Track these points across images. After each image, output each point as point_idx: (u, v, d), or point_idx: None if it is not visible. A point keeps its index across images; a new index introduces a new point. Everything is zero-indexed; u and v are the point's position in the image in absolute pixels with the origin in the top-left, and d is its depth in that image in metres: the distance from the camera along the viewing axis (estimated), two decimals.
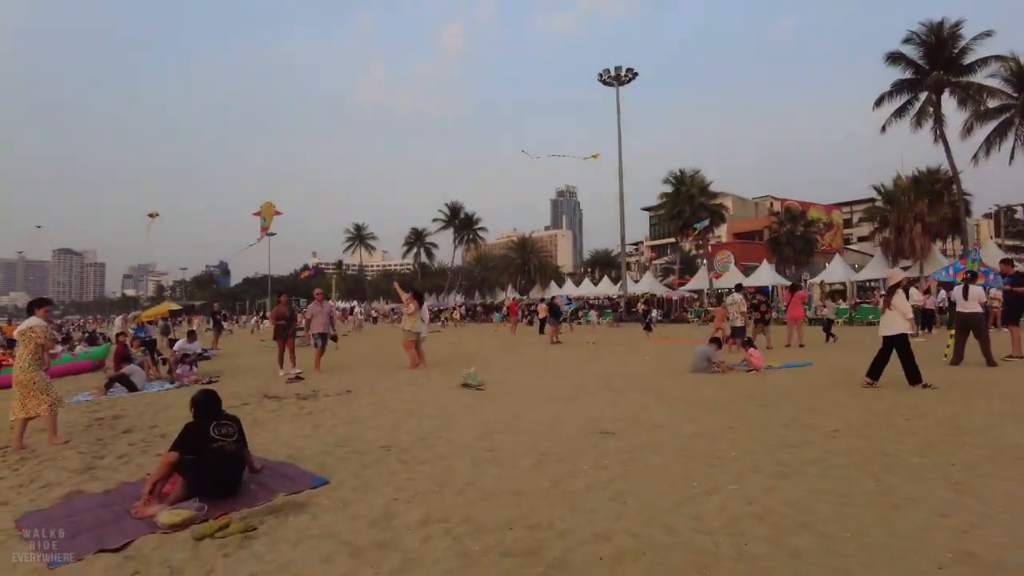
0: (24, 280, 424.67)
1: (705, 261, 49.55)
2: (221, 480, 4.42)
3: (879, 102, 33.87)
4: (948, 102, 32.25)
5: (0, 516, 4.55)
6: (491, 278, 68.34)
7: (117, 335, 25.57)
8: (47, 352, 7.21)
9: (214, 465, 4.39)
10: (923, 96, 32.88)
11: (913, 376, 8.21)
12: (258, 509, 4.22)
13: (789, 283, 43.64)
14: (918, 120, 32.87)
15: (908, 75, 33.08)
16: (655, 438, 5.76)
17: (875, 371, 8.40)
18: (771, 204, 70.00)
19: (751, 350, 10.90)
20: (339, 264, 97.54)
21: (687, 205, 46.75)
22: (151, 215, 24.22)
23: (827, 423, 6.21)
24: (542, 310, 24.53)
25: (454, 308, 49.72)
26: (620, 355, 14.98)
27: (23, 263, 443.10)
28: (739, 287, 15.55)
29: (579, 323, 33.51)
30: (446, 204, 69.01)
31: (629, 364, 12.59)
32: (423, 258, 76.28)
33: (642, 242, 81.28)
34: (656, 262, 71.12)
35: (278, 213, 17.33)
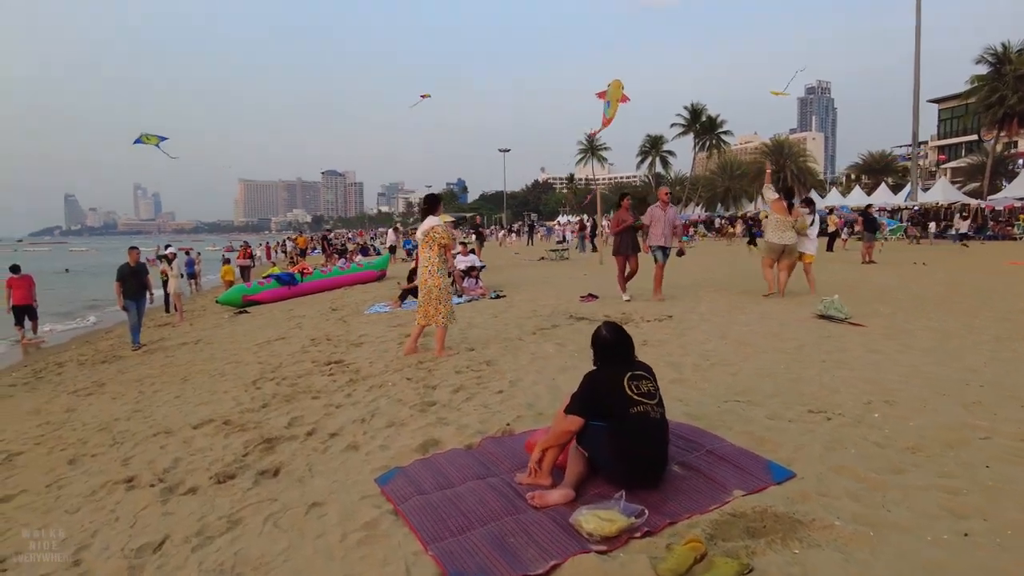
0: (302, 198, 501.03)
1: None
2: (643, 463, 2.93)
3: None
4: None
5: (354, 465, 3.62)
6: (736, 188, 62.29)
7: (391, 247, 27.43)
8: (450, 253, 6.60)
9: (635, 440, 2.89)
10: None
11: None
12: (713, 517, 2.66)
13: None
14: None
15: None
16: None
17: None
18: None
19: None
20: (571, 178, 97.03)
21: (1011, 90, 36.60)
22: (423, 95, 25.74)
23: None
24: (833, 222, 20.66)
25: (732, 221, 44.68)
26: (980, 281, 11.35)
27: (300, 184, 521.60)
28: None
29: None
30: (685, 107, 63.58)
31: (1014, 294, 9.19)
32: (658, 168, 72.24)
33: (926, 142, 67.72)
34: (946, 165, 58.83)
35: (624, 99, 14.49)
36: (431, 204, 6.48)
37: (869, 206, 20.18)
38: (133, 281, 10.24)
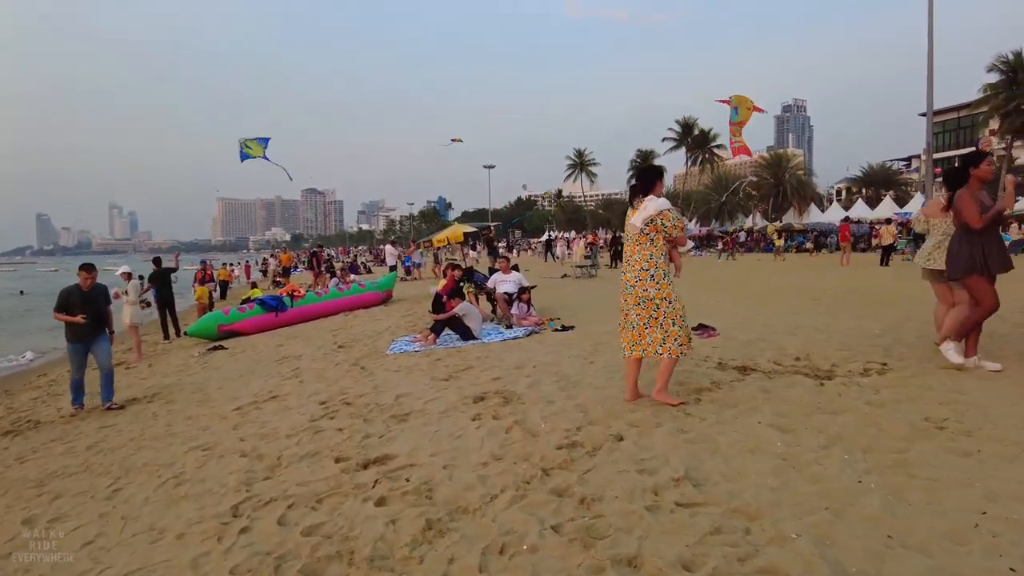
0: (281, 217, 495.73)
1: None
2: None
3: None
4: None
5: None
6: (732, 202, 60.42)
7: (392, 267, 24.59)
8: (677, 252, 4.23)
9: None
10: None
11: None
12: None
13: None
14: None
15: None
16: None
17: None
18: None
19: None
20: (559, 194, 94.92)
21: None
22: (455, 139, 26.26)
23: None
24: (889, 233, 18.35)
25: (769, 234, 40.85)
26: None
27: (279, 202, 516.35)
28: None
29: None
30: (677, 121, 62.10)
31: None
32: None
33: (918, 156, 66.94)
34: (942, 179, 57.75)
35: (759, 110, 13.21)
36: (648, 180, 4.07)
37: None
38: (85, 312, 6.62)
